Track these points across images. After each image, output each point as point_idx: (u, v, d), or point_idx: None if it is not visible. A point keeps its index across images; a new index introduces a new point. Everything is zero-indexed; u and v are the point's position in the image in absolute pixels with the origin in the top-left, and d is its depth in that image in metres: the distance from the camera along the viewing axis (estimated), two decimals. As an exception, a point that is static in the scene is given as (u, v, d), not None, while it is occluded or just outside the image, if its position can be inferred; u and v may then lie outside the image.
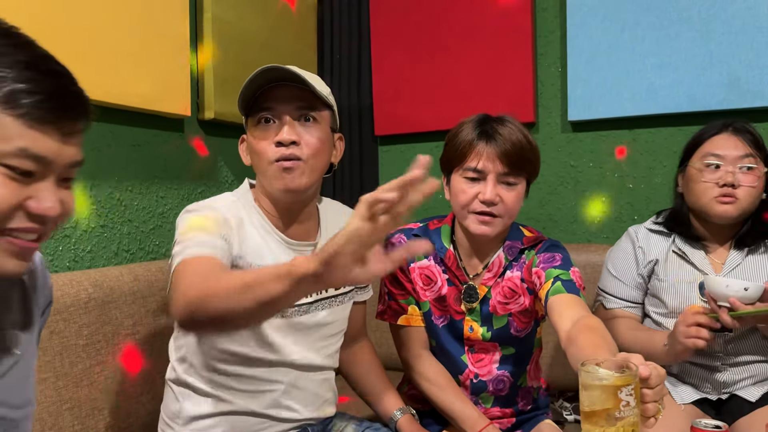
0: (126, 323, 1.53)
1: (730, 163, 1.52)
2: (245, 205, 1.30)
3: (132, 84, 1.72)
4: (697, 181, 1.56)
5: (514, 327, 1.49)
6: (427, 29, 2.49)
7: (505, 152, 1.36)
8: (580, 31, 2.25)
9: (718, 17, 2.06)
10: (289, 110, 1.24)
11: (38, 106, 0.71)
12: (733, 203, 1.51)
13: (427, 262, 1.52)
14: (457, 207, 1.43)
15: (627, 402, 0.83)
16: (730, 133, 1.56)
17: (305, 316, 1.32)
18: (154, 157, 1.87)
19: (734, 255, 1.58)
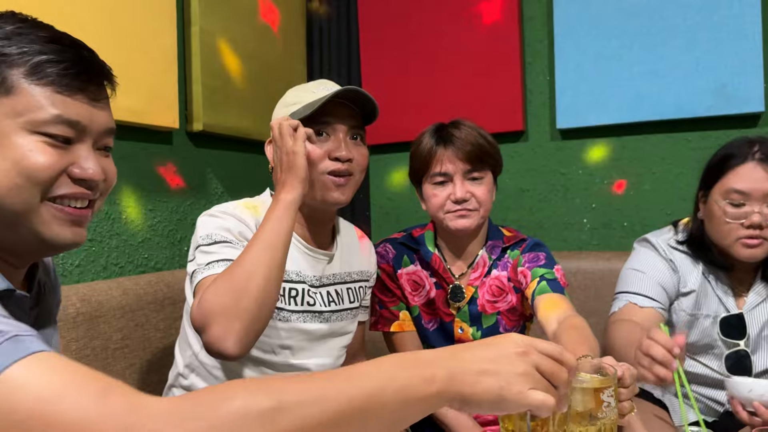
0: (115, 337, 1.51)
1: (757, 200, 1.36)
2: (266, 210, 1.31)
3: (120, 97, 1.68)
4: (720, 220, 1.40)
5: (503, 326, 1.53)
6: (416, 40, 2.51)
7: (464, 151, 1.44)
8: (567, 40, 2.26)
9: (704, 25, 2.08)
10: (345, 128, 1.29)
11: (64, 74, 0.75)
12: (760, 245, 1.36)
13: (414, 267, 1.57)
14: (433, 211, 1.49)
15: (608, 403, 0.87)
16: (757, 162, 1.37)
17: (323, 325, 1.35)
18: (143, 170, 1.86)
19: (759, 288, 1.47)
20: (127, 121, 1.74)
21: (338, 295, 1.38)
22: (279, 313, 1.27)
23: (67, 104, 0.75)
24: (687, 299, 1.49)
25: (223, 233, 1.20)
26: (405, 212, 2.60)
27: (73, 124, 0.76)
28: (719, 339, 1.46)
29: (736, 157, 1.40)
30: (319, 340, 1.36)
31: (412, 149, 1.54)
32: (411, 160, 1.54)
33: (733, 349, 1.46)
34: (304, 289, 1.31)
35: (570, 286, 2.06)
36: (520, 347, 0.66)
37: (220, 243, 1.18)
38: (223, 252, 1.16)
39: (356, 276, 1.44)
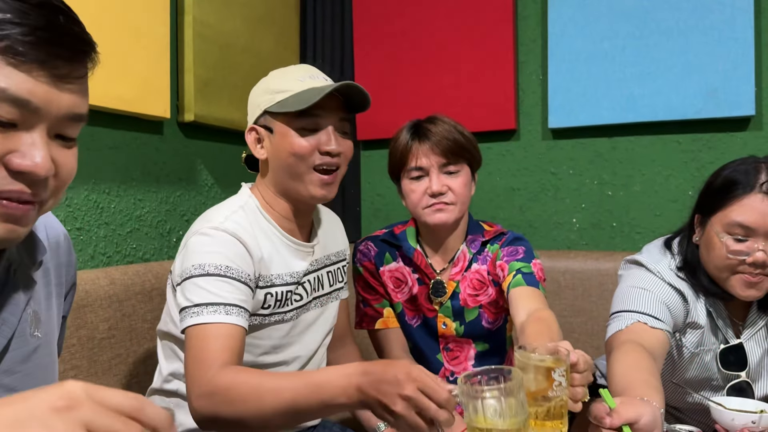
0: (101, 327, 1.50)
1: (762, 236, 1.24)
2: (252, 214, 1.28)
3: (111, 85, 1.69)
4: (720, 253, 1.29)
5: (485, 319, 1.54)
6: (409, 36, 2.50)
7: (438, 145, 1.45)
8: (560, 39, 2.27)
9: (697, 28, 2.09)
10: (334, 120, 1.27)
11: (22, 40, 0.61)
12: (760, 284, 1.27)
13: (396, 264, 1.58)
14: (412, 206, 1.50)
15: (559, 382, 0.90)
16: (764, 195, 1.24)
17: (307, 314, 1.35)
18: (132, 160, 1.84)
19: (754, 316, 1.39)
20: (117, 109, 1.73)
21: (319, 281, 1.37)
22: (272, 317, 1.26)
23: (20, 79, 0.61)
24: (693, 335, 1.39)
25: (218, 261, 1.13)
26: (395, 208, 2.59)
27: (21, 103, 0.62)
28: (718, 372, 1.39)
29: (741, 185, 1.28)
30: (305, 331, 1.36)
31: (390, 146, 1.55)
32: (389, 156, 1.55)
33: (734, 381, 1.38)
34: (294, 289, 1.30)
35: (558, 285, 2.08)
36: (62, 400, 0.46)
37: (214, 276, 1.12)
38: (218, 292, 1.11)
39: (334, 258, 1.45)
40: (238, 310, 1.11)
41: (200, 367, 1.04)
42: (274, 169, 1.28)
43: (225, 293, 1.12)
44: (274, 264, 1.25)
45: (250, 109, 1.32)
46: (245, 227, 1.22)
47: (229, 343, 1.07)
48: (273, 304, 1.25)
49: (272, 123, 1.26)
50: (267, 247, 1.25)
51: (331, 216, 1.52)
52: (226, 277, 1.13)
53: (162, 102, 1.87)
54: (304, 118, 1.23)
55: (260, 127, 1.28)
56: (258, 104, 1.28)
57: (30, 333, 0.79)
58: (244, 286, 1.15)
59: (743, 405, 1.20)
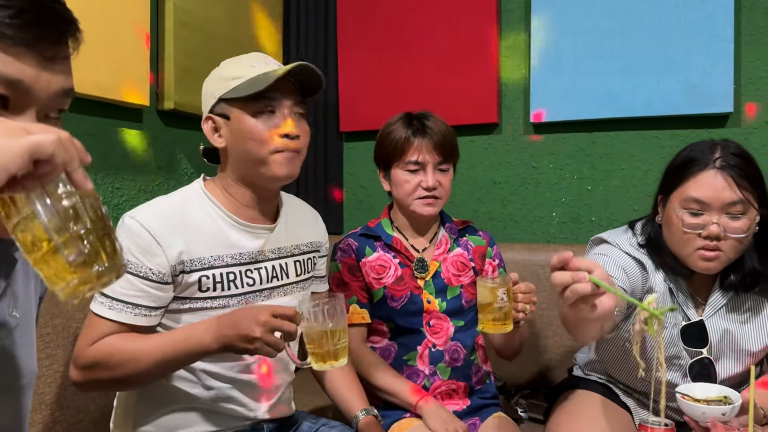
0: (77, 316, 1.48)
1: (716, 210, 1.30)
2: (195, 197, 1.29)
3: (88, 71, 1.67)
4: (677, 229, 1.34)
5: (464, 298, 1.66)
6: (393, 28, 2.50)
7: (438, 143, 1.58)
8: (543, 34, 2.28)
9: (677, 25, 2.11)
10: (290, 103, 1.27)
11: (9, 24, 0.62)
12: (716, 258, 1.31)
13: (377, 254, 1.65)
14: (403, 195, 1.62)
15: (501, 297, 1.33)
16: (718, 170, 1.30)
17: (267, 301, 1.33)
18: (110, 147, 1.82)
19: (717, 296, 1.43)
20: (95, 96, 1.71)
21: (282, 270, 1.36)
22: (214, 301, 1.25)
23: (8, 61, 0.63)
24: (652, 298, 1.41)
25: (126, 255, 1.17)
26: (377, 200, 2.59)
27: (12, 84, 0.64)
28: (683, 349, 1.43)
29: (697, 162, 1.33)
30: None
31: (382, 134, 1.65)
32: (381, 144, 1.64)
33: (696, 357, 1.42)
34: (241, 271, 1.28)
35: (538, 278, 2.09)
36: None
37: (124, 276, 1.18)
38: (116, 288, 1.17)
39: (305, 248, 1.44)
40: (122, 306, 1.17)
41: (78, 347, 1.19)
42: (234, 156, 1.28)
43: (117, 287, 1.17)
44: (214, 246, 1.25)
45: (204, 99, 1.31)
46: (170, 213, 1.22)
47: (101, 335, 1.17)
48: (212, 286, 1.24)
49: (228, 110, 1.26)
50: (206, 229, 1.25)
51: (307, 209, 1.52)
52: (130, 273, 1.17)
53: (141, 89, 1.86)
54: (259, 102, 1.23)
55: (216, 116, 1.27)
56: (212, 92, 1.27)
57: (9, 312, 0.80)
58: (142, 281, 1.18)
59: (707, 390, 1.22)
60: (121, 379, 1.17)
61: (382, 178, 1.67)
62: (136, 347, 1.16)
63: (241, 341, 1.10)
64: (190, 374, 1.26)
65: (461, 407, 1.62)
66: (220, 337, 1.12)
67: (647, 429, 1.10)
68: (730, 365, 1.43)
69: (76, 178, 0.61)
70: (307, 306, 1.16)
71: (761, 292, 1.41)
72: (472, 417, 1.62)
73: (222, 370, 1.28)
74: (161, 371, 1.19)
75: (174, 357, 1.15)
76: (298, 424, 1.44)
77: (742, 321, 1.43)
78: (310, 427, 1.43)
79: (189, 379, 1.27)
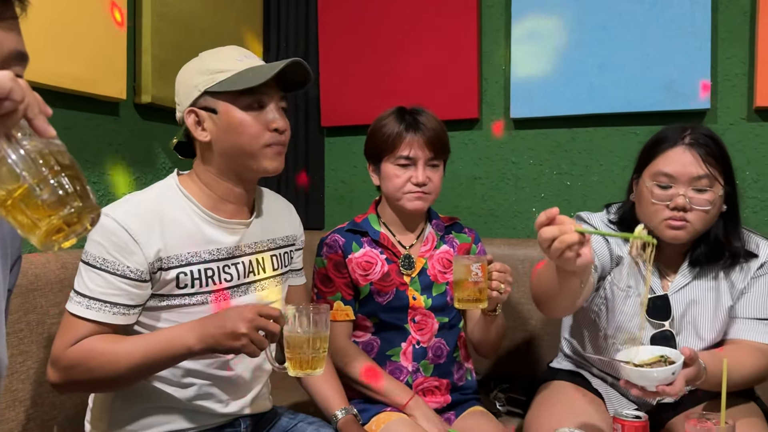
0: (52, 312, 1.47)
1: (683, 184, 1.39)
2: (170, 193, 1.28)
3: (64, 64, 1.65)
4: (648, 201, 1.44)
5: (449, 295, 1.66)
6: (374, 23, 2.49)
7: (430, 139, 1.58)
8: (523, 30, 2.28)
9: (657, 21, 2.13)
10: (277, 98, 1.29)
11: None
12: (683, 228, 1.40)
13: (363, 250, 1.64)
14: (392, 190, 1.61)
15: (476, 273, 1.37)
16: (686, 147, 1.40)
17: (245, 297, 1.32)
18: (87, 141, 1.80)
19: (684, 272, 1.51)
20: (71, 89, 1.69)
21: (259, 264, 1.36)
22: (192, 298, 1.24)
23: None
24: (618, 270, 1.53)
25: (96, 252, 1.17)
26: (359, 195, 2.59)
27: None
28: (647, 320, 1.50)
29: (668, 140, 1.44)
30: None
31: (374, 128, 1.65)
32: (373, 138, 1.64)
33: (658, 329, 1.49)
34: (219, 266, 1.28)
35: (517, 272, 2.10)
36: None
37: (90, 267, 1.17)
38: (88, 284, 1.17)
39: (281, 242, 1.44)
40: (100, 305, 1.17)
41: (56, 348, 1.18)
42: (220, 150, 1.27)
43: (94, 286, 1.17)
44: (191, 242, 1.24)
45: (184, 91, 1.29)
46: (146, 211, 1.21)
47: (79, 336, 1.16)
48: (190, 283, 1.23)
49: (215, 103, 1.25)
50: (183, 226, 1.24)
51: (281, 201, 1.52)
52: (100, 270, 1.17)
53: (118, 82, 1.84)
54: (249, 97, 1.24)
55: (200, 109, 1.26)
56: (195, 85, 1.26)
57: None
58: (120, 279, 1.17)
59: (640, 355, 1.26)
60: (100, 381, 1.17)
61: (372, 172, 1.67)
62: (116, 349, 1.15)
63: (226, 339, 1.10)
64: (167, 371, 1.25)
65: (441, 404, 1.63)
66: (205, 336, 1.12)
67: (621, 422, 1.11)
68: (690, 340, 1.48)
69: (38, 124, 0.61)
70: (292, 311, 1.16)
71: (725, 267, 1.49)
72: (448, 412, 1.63)
73: (199, 367, 1.27)
74: (142, 373, 1.18)
75: (155, 358, 1.14)
76: (276, 420, 1.44)
77: (704, 298, 1.48)
78: (288, 422, 1.43)
79: (166, 377, 1.26)
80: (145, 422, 1.27)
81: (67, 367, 1.16)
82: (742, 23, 2.09)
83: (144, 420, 1.27)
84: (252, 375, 1.36)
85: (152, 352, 1.14)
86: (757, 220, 2.09)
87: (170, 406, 1.27)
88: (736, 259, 1.47)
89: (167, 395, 1.26)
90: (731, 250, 1.46)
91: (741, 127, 2.11)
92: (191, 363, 1.26)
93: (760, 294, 1.47)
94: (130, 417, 1.27)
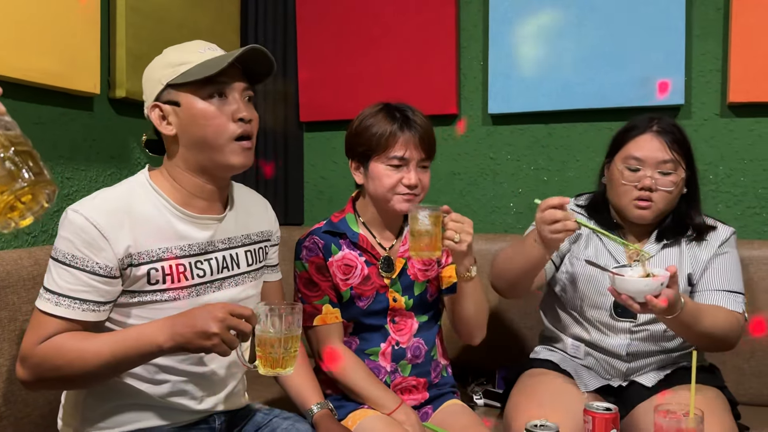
0: (24, 309, 1.45)
1: (650, 167, 1.54)
2: (140, 188, 1.26)
3: (36, 58, 1.63)
4: (618, 182, 1.58)
5: (429, 292, 1.65)
6: (353, 17, 2.49)
7: (422, 139, 1.54)
8: (501, 26, 2.29)
9: (632, 18, 2.15)
10: (241, 88, 1.26)
11: None
12: (649, 208, 1.55)
13: (342, 252, 1.59)
14: (382, 191, 1.55)
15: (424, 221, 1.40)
16: (654, 134, 1.56)
17: (219, 293, 1.31)
18: (60, 137, 1.78)
19: (650, 247, 1.61)
20: (43, 83, 1.67)
21: (233, 260, 1.35)
22: (164, 294, 1.23)
23: None
24: (576, 245, 1.67)
25: (65, 249, 1.16)
26: (338, 191, 2.59)
27: None
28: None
29: (637, 128, 1.60)
30: None
31: (362, 126, 1.56)
32: (360, 136, 1.56)
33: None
34: (191, 262, 1.27)
35: (494, 267, 2.12)
36: None
37: (59, 263, 1.16)
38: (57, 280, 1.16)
39: (256, 237, 1.42)
40: (69, 302, 1.16)
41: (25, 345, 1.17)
42: (185, 144, 1.26)
43: (63, 282, 1.16)
44: (162, 238, 1.23)
45: (148, 86, 1.28)
46: (115, 206, 1.20)
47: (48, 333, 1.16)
48: (161, 279, 1.22)
49: (177, 96, 1.24)
50: (153, 221, 1.23)
51: (256, 197, 1.50)
52: (69, 266, 1.16)
53: (92, 77, 1.82)
54: (210, 86, 1.22)
55: (164, 104, 1.25)
56: (158, 79, 1.25)
57: None
58: (89, 276, 1.16)
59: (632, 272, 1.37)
60: (70, 378, 1.16)
61: (355, 170, 1.60)
62: (85, 346, 1.14)
63: (197, 338, 1.09)
64: (140, 368, 1.24)
65: (419, 401, 1.63)
66: (175, 335, 1.10)
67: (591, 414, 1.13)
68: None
69: None
70: (264, 310, 1.15)
71: (688, 241, 1.62)
72: (425, 407, 1.64)
73: (173, 363, 1.26)
74: (111, 371, 1.17)
75: (125, 356, 1.13)
76: (251, 416, 1.43)
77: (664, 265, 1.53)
78: (263, 418, 1.42)
79: (139, 373, 1.25)
80: (118, 419, 1.26)
81: (36, 365, 1.15)
82: (715, 20, 2.12)
83: (117, 417, 1.26)
84: (227, 371, 1.35)
85: (122, 349, 1.13)
86: (730, 215, 2.12)
87: (143, 403, 1.27)
88: (699, 233, 1.61)
89: (140, 392, 1.26)
90: (694, 224, 1.62)
91: (714, 122, 2.14)
92: (165, 359, 1.25)
93: (726, 269, 1.60)
94: (103, 414, 1.26)
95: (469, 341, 1.65)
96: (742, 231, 2.00)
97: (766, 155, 2.09)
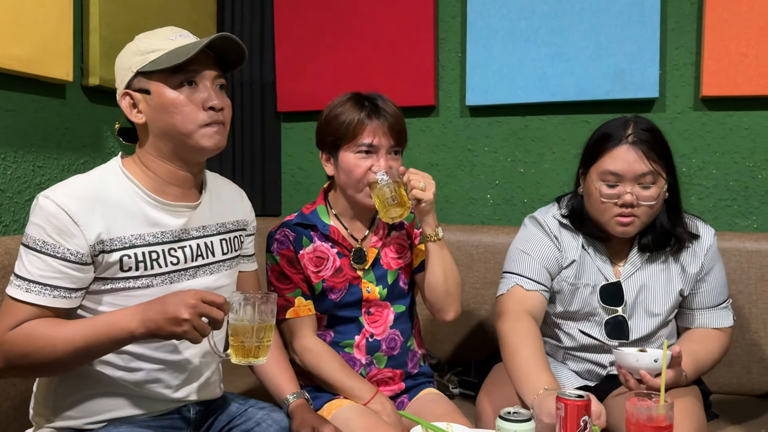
0: (-4, 299, 1.43)
1: (629, 181, 1.45)
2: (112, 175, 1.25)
3: (8, 44, 1.60)
4: (596, 199, 1.50)
5: (402, 280, 1.64)
6: (331, 7, 2.47)
7: (392, 126, 1.52)
8: (479, 17, 2.30)
9: (608, 10, 2.17)
10: (212, 76, 1.26)
11: None
12: (632, 223, 1.48)
13: (314, 245, 1.59)
14: (352, 181, 1.53)
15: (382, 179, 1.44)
16: (630, 146, 1.45)
17: (193, 281, 1.31)
18: (32, 125, 1.75)
19: (634, 259, 1.58)
20: (14, 70, 1.64)
21: (207, 248, 1.34)
22: (137, 281, 1.22)
23: None
24: (568, 270, 1.59)
25: (36, 235, 1.15)
26: (316, 182, 2.58)
27: None
28: (599, 306, 1.57)
29: (612, 138, 1.48)
30: None
31: (330, 115, 1.55)
32: (328, 126, 1.55)
33: (611, 315, 1.56)
34: (165, 249, 1.26)
35: (472, 258, 2.13)
36: None
37: (30, 250, 1.15)
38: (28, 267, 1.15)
39: (231, 226, 1.42)
40: (40, 288, 1.15)
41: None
42: (156, 132, 1.25)
43: (34, 269, 1.15)
44: (134, 224, 1.22)
45: (119, 74, 1.27)
46: (87, 193, 1.19)
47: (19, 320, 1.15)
48: (134, 266, 1.22)
49: (147, 84, 1.23)
50: (125, 208, 1.22)
51: (231, 186, 1.50)
52: (40, 253, 1.15)
53: (64, 64, 1.79)
54: (180, 74, 1.21)
55: (134, 91, 1.24)
56: (129, 67, 1.24)
57: None
58: (60, 263, 1.15)
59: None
60: (41, 365, 1.15)
61: (326, 162, 1.59)
62: (56, 333, 1.13)
63: (168, 324, 1.08)
64: (114, 355, 1.23)
65: (396, 392, 1.63)
66: (146, 321, 1.10)
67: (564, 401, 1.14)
68: (642, 323, 1.58)
69: None
70: (238, 298, 1.15)
71: (672, 252, 1.57)
72: (401, 396, 1.64)
73: (147, 351, 1.25)
74: (83, 358, 1.17)
75: (96, 342, 1.12)
76: (226, 405, 1.43)
77: (654, 281, 1.58)
78: (238, 408, 1.42)
79: (112, 361, 1.24)
80: (90, 408, 1.25)
81: (6, 352, 1.14)
82: (690, 14, 2.15)
83: (89, 406, 1.24)
84: (201, 360, 1.34)
85: (93, 336, 1.12)
86: (702, 207, 2.15)
87: (117, 391, 1.25)
88: (682, 243, 1.56)
89: (114, 380, 1.24)
90: (676, 235, 1.55)
91: (688, 116, 2.17)
92: (139, 347, 1.24)
93: (714, 285, 1.59)
94: (75, 403, 1.24)
95: (444, 316, 1.59)
96: (714, 222, 2.03)
97: (738, 148, 2.13)
